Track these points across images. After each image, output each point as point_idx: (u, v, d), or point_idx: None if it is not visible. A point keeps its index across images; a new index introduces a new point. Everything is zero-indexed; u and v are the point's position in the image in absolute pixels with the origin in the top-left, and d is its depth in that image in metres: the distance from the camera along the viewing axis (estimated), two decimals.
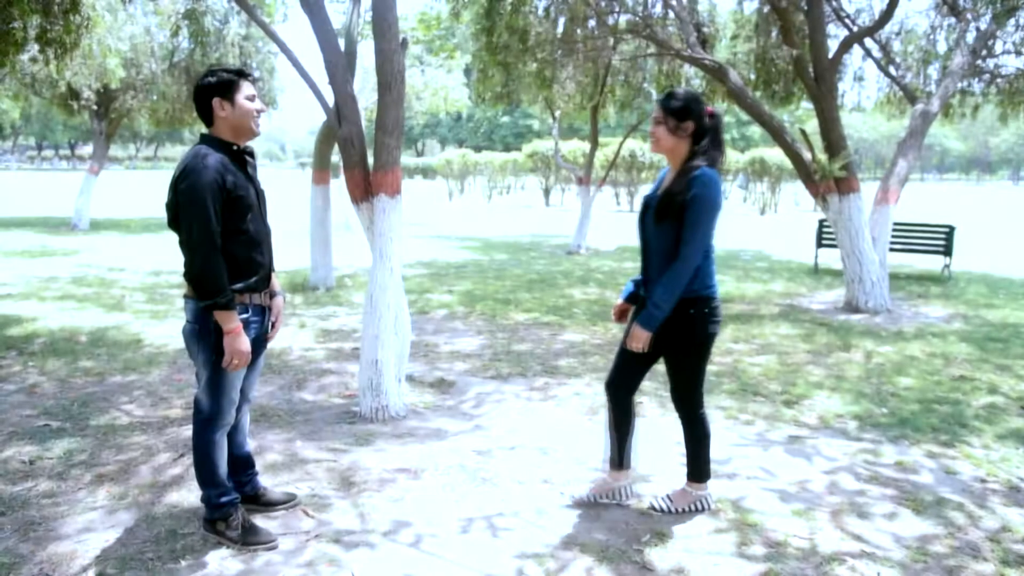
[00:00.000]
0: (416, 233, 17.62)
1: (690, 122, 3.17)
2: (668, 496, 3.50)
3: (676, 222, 3.10)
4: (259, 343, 3.14)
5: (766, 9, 10.88)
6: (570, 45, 11.40)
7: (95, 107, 16.50)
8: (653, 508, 3.47)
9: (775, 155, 26.98)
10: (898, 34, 12.10)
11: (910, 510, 3.54)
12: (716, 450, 4.25)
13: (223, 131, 2.98)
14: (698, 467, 3.49)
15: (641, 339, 3.17)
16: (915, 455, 4.24)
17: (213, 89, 2.94)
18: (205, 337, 2.93)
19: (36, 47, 7.54)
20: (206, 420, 3.06)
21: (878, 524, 3.40)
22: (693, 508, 3.46)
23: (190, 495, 3.51)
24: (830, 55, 8.56)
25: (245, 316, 2.99)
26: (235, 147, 2.99)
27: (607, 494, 3.53)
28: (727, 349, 6.61)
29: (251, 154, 3.08)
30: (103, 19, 10.79)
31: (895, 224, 10.64)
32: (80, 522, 3.26)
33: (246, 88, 2.98)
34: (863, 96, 21.87)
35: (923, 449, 4.32)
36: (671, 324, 3.19)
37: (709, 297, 3.22)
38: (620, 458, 3.52)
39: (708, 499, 3.50)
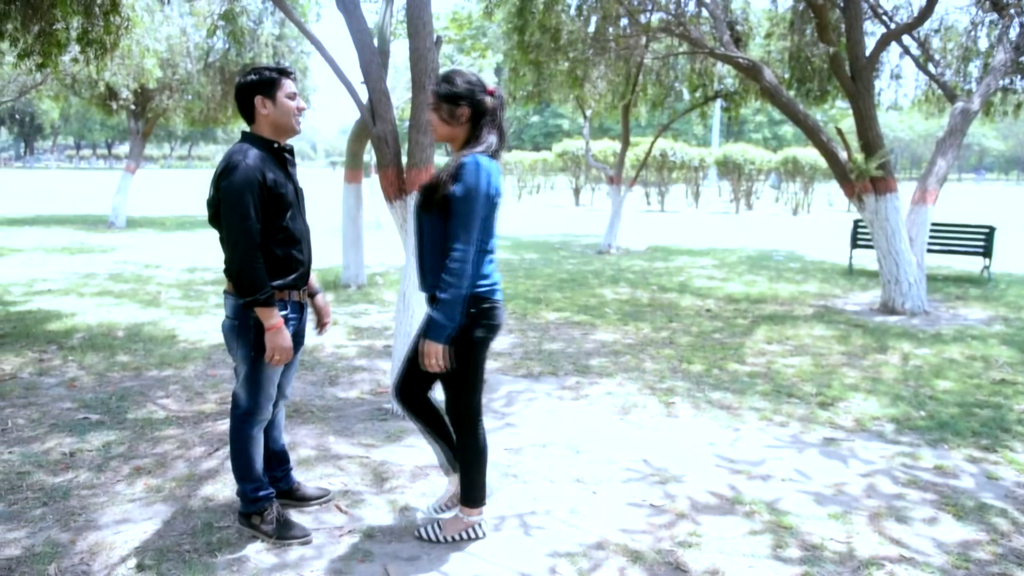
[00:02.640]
0: None
1: (464, 107, 2.87)
2: (438, 523, 3.18)
3: (443, 213, 2.82)
4: (297, 340, 3.17)
5: (801, 6, 10.74)
6: (602, 44, 11.36)
7: (132, 107, 16.80)
8: (420, 537, 3.16)
9: (808, 154, 26.64)
10: (937, 31, 11.87)
11: (951, 515, 3.47)
12: (750, 451, 4.22)
13: (264, 129, 3.00)
14: (472, 490, 3.13)
15: (433, 353, 2.81)
16: (955, 459, 4.15)
17: (255, 87, 2.96)
18: (244, 333, 2.97)
19: (77, 48, 7.68)
20: (244, 415, 3.10)
21: (917, 529, 3.34)
22: (464, 536, 3.16)
23: (225, 489, 3.55)
24: (867, 52, 8.42)
25: (284, 313, 3.01)
26: (275, 145, 3.02)
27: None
28: (760, 350, 6.53)
29: (291, 152, 3.11)
30: (142, 20, 10.96)
31: (933, 224, 10.45)
32: (118, 513, 3.32)
33: (288, 86, 3.00)
34: (900, 94, 21.53)
35: (963, 453, 4.24)
36: None
37: (479, 296, 2.87)
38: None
39: (482, 526, 3.19)
